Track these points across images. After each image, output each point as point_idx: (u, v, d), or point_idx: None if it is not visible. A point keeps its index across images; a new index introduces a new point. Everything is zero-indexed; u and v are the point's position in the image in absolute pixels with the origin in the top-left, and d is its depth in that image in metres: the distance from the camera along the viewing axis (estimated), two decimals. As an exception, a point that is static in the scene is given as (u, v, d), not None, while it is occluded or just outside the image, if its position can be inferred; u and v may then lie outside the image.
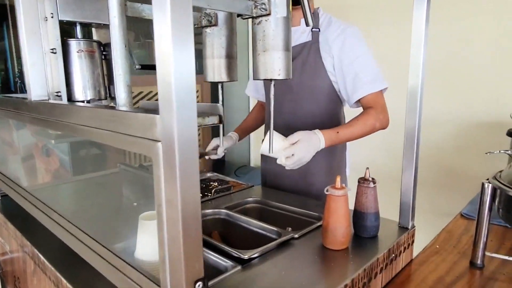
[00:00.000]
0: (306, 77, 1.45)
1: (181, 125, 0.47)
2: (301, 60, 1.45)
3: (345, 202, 0.99)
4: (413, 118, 1.05)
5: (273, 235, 1.11)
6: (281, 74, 0.78)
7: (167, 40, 0.45)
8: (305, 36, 1.47)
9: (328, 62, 1.41)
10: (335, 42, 1.39)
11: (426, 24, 1.01)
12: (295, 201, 1.37)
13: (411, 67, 1.04)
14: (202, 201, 1.39)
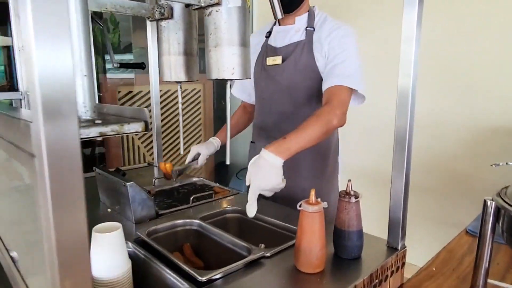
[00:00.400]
0: (298, 77, 1.37)
1: (54, 137, 0.37)
2: (294, 59, 1.37)
3: (320, 219, 0.87)
4: (403, 120, 0.93)
5: (244, 251, 1.00)
6: (236, 73, 0.67)
7: (28, 28, 0.35)
8: (298, 35, 1.40)
9: (321, 62, 1.33)
10: (327, 39, 1.32)
11: (419, 17, 0.89)
12: (279, 212, 1.26)
13: (401, 64, 0.92)
14: (180, 209, 1.30)
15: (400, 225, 0.97)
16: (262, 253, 0.95)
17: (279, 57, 1.41)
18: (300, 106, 1.40)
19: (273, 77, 1.44)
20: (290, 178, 1.38)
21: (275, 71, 1.43)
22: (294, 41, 1.39)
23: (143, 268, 0.97)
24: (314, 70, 1.35)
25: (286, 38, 1.43)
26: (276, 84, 1.43)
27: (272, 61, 1.44)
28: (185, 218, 1.19)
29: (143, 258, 0.97)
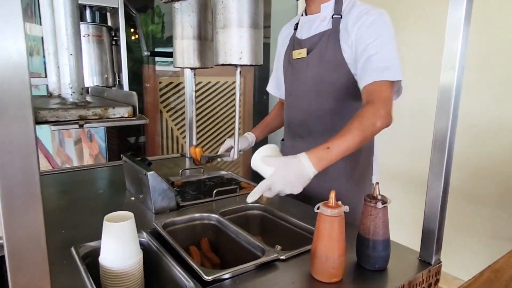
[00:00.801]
0: (324, 70, 1.25)
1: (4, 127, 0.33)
2: (319, 51, 1.25)
3: (340, 223, 0.78)
4: (444, 119, 0.82)
5: (258, 252, 0.94)
6: (244, 58, 0.61)
7: None
8: (325, 25, 1.27)
9: (348, 53, 1.20)
10: (354, 27, 1.17)
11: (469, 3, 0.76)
12: (304, 212, 1.18)
13: (445, 57, 0.80)
14: (202, 202, 1.27)
15: (435, 237, 0.85)
16: (276, 256, 0.88)
17: (304, 50, 1.30)
18: (327, 102, 1.28)
19: (298, 71, 1.34)
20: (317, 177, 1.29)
21: (300, 65, 1.33)
22: (320, 31, 1.27)
23: (155, 261, 0.94)
24: (341, 62, 1.22)
25: (311, 29, 1.31)
26: (301, 79, 1.33)
27: (298, 55, 1.33)
28: (205, 212, 1.16)
29: (155, 250, 0.95)
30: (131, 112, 0.49)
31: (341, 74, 1.22)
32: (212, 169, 1.66)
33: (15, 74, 0.33)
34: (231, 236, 1.05)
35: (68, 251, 0.92)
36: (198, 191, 1.38)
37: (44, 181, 1.49)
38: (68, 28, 0.48)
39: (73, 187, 1.48)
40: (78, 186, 1.49)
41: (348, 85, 1.23)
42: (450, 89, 0.80)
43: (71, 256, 0.90)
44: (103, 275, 0.84)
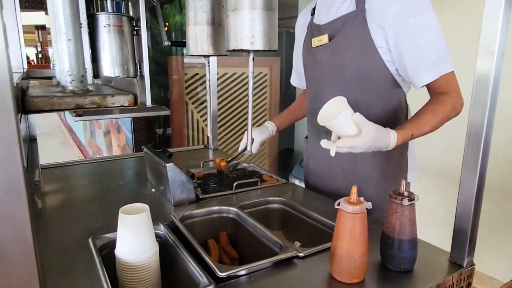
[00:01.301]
0: (350, 58, 1.12)
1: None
2: (344, 36, 1.12)
3: (362, 221, 0.73)
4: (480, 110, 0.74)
5: (276, 248, 0.90)
6: (256, 43, 0.56)
7: None
8: (346, 6, 1.12)
9: (379, 35, 1.06)
10: (389, 7, 1.03)
11: None
12: (328, 207, 1.13)
13: (482, 41, 0.72)
14: (222, 195, 1.24)
15: (467, 237, 0.78)
16: (295, 253, 0.84)
17: (325, 36, 1.16)
18: (354, 93, 1.14)
19: (320, 60, 1.22)
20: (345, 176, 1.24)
21: (322, 53, 1.20)
22: (342, 14, 1.13)
23: (172, 254, 0.93)
24: (370, 48, 1.08)
25: (331, 12, 1.17)
26: (323, 68, 1.21)
27: (318, 42, 1.19)
28: (225, 205, 1.13)
29: (171, 243, 0.93)
30: (132, 101, 0.47)
31: (370, 61, 1.10)
32: (234, 161, 1.63)
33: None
34: (250, 230, 1.02)
35: (86, 242, 0.92)
36: (219, 184, 1.36)
37: (69, 172, 1.52)
38: (66, 12, 0.45)
39: (96, 177, 1.50)
40: (101, 177, 1.50)
41: (378, 73, 1.11)
42: (487, 77, 0.72)
43: (88, 248, 0.90)
44: (119, 268, 0.84)
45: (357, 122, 0.90)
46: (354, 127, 0.90)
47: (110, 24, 1.32)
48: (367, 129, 0.91)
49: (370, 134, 0.91)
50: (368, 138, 0.91)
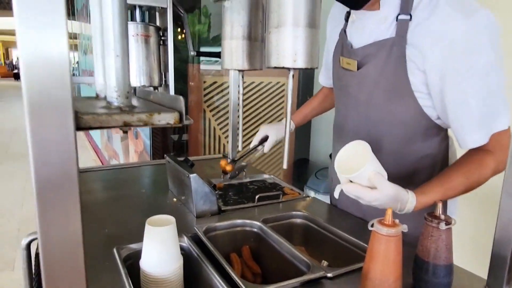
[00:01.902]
0: (379, 96, 0.96)
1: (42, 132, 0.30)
2: (374, 70, 0.94)
3: (396, 244, 0.70)
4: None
5: (303, 267, 0.88)
6: (299, 61, 0.55)
7: None
8: (385, 29, 0.92)
9: (418, 78, 0.88)
10: (437, 45, 0.82)
11: None
12: (353, 225, 1.10)
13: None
14: (243, 207, 1.23)
15: (507, 265, 0.75)
16: (323, 273, 0.82)
17: (354, 62, 0.98)
18: (380, 135, 0.99)
19: (347, 85, 1.05)
20: None
21: (349, 80, 1.04)
22: (377, 40, 0.93)
23: (195, 267, 0.91)
24: (404, 89, 0.90)
25: (364, 32, 0.97)
26: (349, 97, 1.05)
27: (346, 64, 1.02)
28: (247, 218, 1.11)
29: (195, 257, 0.92)
30: (177, 119, 0.46)
31: (403, 105, 0.93)
32: (254, 172, 1.62)
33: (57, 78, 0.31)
34: (274, 246, 1.00)
35: (109, 251, 0.91)
36: (240, 195, 1.35)
37: (89, 178, 1.53)
38: (116, 29, 0.45)
39: (117, 184, 1.50)
40: (122, 184, 1.50)
41: (413, 119, 0.94)
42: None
43: (113, 257, 0.89)
44: (143, 279, 0.83)
45: (372, 181, 0.80)
46: (369, 183, 0.82)
47: (138, 33, 1.33)
48: (383, 190, 0.80)
49: (383, 195, 0.80)
50: (378, 198, 0.81)
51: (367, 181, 0.81)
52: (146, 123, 0.44)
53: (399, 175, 0.95)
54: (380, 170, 0.84)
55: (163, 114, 0.44)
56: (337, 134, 1.17)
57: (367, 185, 0.82)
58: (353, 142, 0.88)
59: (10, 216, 3.49)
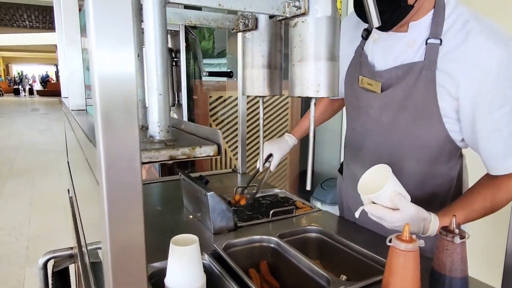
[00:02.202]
0: (405, 118, 0.95)
1: (114, 165, 0.34)
2: (403, 91, 0.93)
3: (414, 259, 0.74)
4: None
5: (323, 281, 0.91)
6: (321, 91, 0.60)
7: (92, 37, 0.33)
8: (413, 52, 0.91)
9: (448, 104, 0.88)
10: (470, 73, 0.83)
11: None
12: (368, 239, 1.14)
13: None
14: (258, 223, 1.26)
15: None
16: (343, 287, 0.85)
17: (378, 84, 0.97)
18: (403, 157, 0.99)
19: (366, 106, 1.05)
20: None
21: (369, 102, 1.03)
22: (404, 63, 0.92)
23: (217, 283, 0.95)
24: (433, 113, 0.90)
25: (390, 54, 0.96)
26: (369, 117, 1.04)
27: (367, 85, 1.01)
28: (263, 234, 1.15)
29: (217, 274, 0.95)
30: (216, 151, 0.50)
31: (430, 129, 0.92)
32: (266, 187, 1.65)
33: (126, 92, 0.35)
34: (292, 261, 1.03)
35: (135, 271, 0.94)
36: (254, 211, 1.38)
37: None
38: (159, 70, 0.49)
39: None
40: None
41: (438, 142, 0.95)
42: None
43: (138, 277, 0.92)
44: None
45: (394, 202, 0.83)
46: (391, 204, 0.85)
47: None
48: (405, 211, 0.83)
49: (404, 215, 0.83)
50: (400, 219, 0.83)
51: (389, 201, 0.84)
52: (189, 156, 0.48)
53: (419, 197, 0.96)
54: (402, 192, 0.87)
55: (203, 148, 0.49)
56: (352, 153, 1.19)
57: (389, 206, 0.84)
58: (375, 166, 0.90)
59: (18, 234, 3.51)
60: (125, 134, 0.34)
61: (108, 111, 0.33)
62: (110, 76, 0.33)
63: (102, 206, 0.35)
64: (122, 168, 0.35)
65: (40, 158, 6.58)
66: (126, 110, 0.33)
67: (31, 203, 4.28)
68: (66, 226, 3.66)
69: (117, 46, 0.33)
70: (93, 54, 0.32)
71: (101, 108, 0.32)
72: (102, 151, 0.33)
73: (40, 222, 3.79)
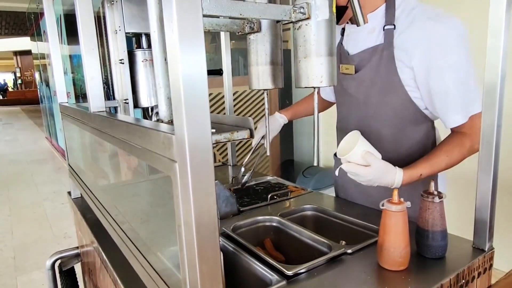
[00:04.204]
0: (375, 91, 1.14)
1: (195, 146, 0.45)
2: (369, 71, 1.13)
3: (403, 218, 0.88)
4: (491, 115, 0.90)
5: (325, 248, 1.04)
6: (324, 81, 0.72)
7: (175, 47, 0.43)
8: (374, 37, 1.12)
9: (406, 75, 1.07)
10: (418, 47, 1.02)
11: (508, 7, 0.86)
12: (356, 210, 1.28)
13: (488, 58, 0.89)
14: (256, 207, 1.38)
15: (487, 225, 0.95)
16: (344, 250, 0.98)
17: (352, 66, 1.18)
18: (378, 126, 1.19)
19: (347, 88, 1.24)
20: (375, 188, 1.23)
21: (348, 83, 1.22)
22: (369, 46, 1.13)
23: (232, 260, 1.06)
24: (396, 84, 1.09)
25: (358, 42, 1.17)
26: (350, 97, 1.24)
27: (345, 70, 1.21)
28: (264, 215, 1.27)
29: (232, 251, 1.06)
30: (249, 135, 0.61)
31: (396, 97, 1.11)
32: (258, 176, 1.77)
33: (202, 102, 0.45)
34: (294, 235, 1.16)
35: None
36: (252, 197, 1.50)
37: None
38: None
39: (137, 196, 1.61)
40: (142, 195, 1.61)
41: (405, 109, 1.13)
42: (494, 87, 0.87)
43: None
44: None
45: (365, 159, 1.01)
46: (363, 161, 1.03)
47: (146, 59, 1.47)
48: (375, 165, 1.01)
49: (375, 169, 1.01)
50: (371, 173, 1.01)
51: (361, 159, 1.02)
52: (229, 139, 0.59)
53: (398, 159, 1.14)
54: (372, 151, 1.04)
55: (240, 132, 0.60)
56: (342, 132, 1.33)
57: (362, 164, 1.02)
58: (350, 133, 1.09)
59: (2, 245, 3.46)
60: (200, 120, 0.45)
61: (189, 102, 0.43)
62: (190, 68, 0.43)
63: (186, 181, 0.45)
64: (199, 148, 0.45)
65: (11, 170, 6.37)
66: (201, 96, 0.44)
67: (10, 215, 4.19)
68: (52, 234, 3.63)
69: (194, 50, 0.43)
70: (179, 59, 0.43)
71: (185, 95, 0.43)
72: (186, 134, 0.43)
73: (24, 232, 3.74)
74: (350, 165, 1.03)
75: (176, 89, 0.43)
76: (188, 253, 0.51)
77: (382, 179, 1.03)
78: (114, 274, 1.00)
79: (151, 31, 0.80)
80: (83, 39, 0.95)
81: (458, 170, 1.29)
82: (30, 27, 8.50)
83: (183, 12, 0.41)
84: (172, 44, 0.43)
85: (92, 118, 1.05)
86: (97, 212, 1.20)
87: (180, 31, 0.41)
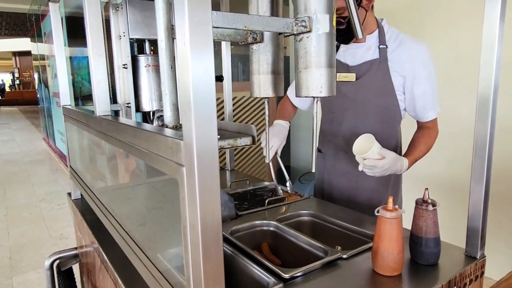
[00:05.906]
0: (372, 94, 1.45)
1: (202, 152, 0.47)
2: (369, 78, 1.44)
3: (398, 225, 0.91)
4: (484, 126, 0.93)
5: (320, 252, 1.07)
6: (323, 92, 0.75)
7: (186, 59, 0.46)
8: (371, 53, 1.44)
9: (398, 81, 1.41)
10: (408, 61, 1.39)
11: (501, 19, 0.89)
12: (351, 216, 1.31)
13: (482, 69, 0.92)
14: (254, 211, 1.40)
15: (479, 234, 0.97)
16: (339, 255, 1.01)
17: (353, 75, 1.47)
18: (373, 121, 1.49)
19: (345, 93, 1.49)
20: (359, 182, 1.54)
21: (348, 89, 1.48)
22: (368, 60, 1.44)
23: (229, 263, 1.08)
24: (390, 88, 1.42)
25: (357, 56, 1.48)
26: (348, 101, 1.50)
27: (344, 78, 1.49)
28: (262, 220, 1.29)
29: (229, 254, 1.08)
30: (251, 141, 0.64)
31: (388, 99, 1.44)
32: (256, 181, 1.80)
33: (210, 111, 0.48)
34: (290, 239, 1.19)
35: (156, 256, 1.06)
36: (250, 202, 1.52)
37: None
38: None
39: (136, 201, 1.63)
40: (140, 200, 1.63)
41: (391, 108, 1.46)
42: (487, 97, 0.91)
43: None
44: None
45: (381, 153, 1.27)
46: (379, 156, 1.27)
47: (149, 64, 1.50)
48: (389, 157, 1.27)
49: (389, 160, 1.27)
50: (388, 163, 1.27)
51: (377, 155, 1.26)
52: (233, 145, 0.61)
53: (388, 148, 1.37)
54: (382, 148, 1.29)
55: (243, 139, 0.63)
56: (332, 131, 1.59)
57: (377, 158, 1.26)
58: (362, 135, 1.32)
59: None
60: (208, 127, 0.47)
61: (198, 110, 0.46)
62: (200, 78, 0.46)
63: (193, 184, 0.48)
64: (206, 153, 0.48)
65: (8, 170, 6.36)
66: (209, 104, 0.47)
67: (6, 215, 4.19)
68: (48, 235, 3.63)
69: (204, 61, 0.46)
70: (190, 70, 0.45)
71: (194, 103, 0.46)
72: (194, 140, 0.46)
73: (20, 232, 3.73)
74: (370, 160, 1.27)
75: (186, 98, 0.46)
76: (193, 253, 0.53)
77: (394, 167, 1.30)
78: (115, 274, 1.02)
79: (159, 40, 0.83)
80: (91, 44, 0.98)
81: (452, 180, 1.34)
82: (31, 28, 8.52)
83: (194, 26, 0.44)
84: (184, 56, 0.45)
85: (97, 122, 1.08)
86: (99, 213, 1.22)
87: (191, 44, 0.44)
